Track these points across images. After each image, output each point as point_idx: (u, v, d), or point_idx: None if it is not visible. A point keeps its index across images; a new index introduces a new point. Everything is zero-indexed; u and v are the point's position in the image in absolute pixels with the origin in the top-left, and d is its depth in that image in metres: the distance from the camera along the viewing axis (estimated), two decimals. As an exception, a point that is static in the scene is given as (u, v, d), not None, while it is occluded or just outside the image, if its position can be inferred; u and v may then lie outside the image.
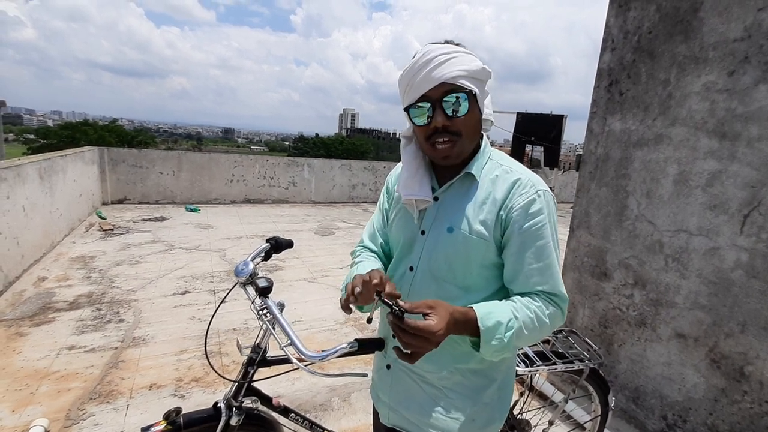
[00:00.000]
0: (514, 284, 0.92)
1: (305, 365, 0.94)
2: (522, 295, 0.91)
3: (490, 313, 0.84)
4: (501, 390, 1.00)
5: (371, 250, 1.11)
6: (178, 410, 1.10)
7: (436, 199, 0.97)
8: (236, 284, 1.17)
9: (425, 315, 0.77)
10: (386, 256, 1.11)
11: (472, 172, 0.92)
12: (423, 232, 0.97)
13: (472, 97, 0.87)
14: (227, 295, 1.28)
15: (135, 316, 3.22)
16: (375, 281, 0.79)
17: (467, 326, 0.82)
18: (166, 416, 1.08)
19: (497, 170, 0.92)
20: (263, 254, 1.23)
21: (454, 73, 0.84)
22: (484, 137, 0.98)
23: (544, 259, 0.89)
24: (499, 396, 1.00)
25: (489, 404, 0.98)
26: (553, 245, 0.91)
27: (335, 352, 0.94)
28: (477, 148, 0.96)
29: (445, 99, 0.86)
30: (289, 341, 0.98)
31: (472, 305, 0.85)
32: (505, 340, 0.82)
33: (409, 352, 0.77)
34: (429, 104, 0.87)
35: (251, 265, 1.15)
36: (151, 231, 5.73)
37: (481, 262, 0.91)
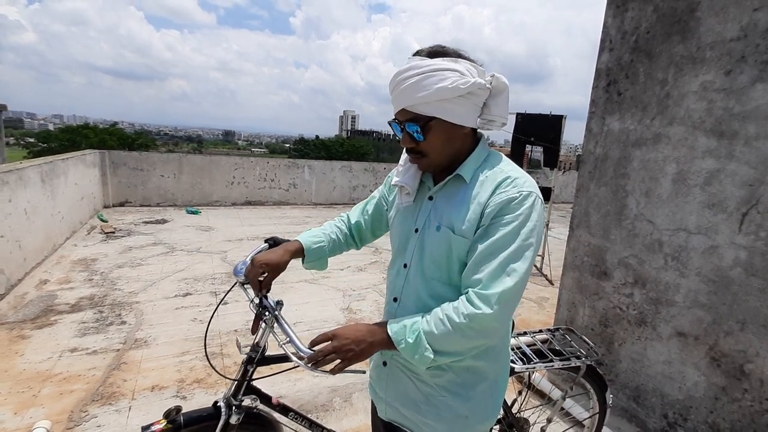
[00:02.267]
0: (463, 277, 0.90)
1: (305, 363, 0.95)
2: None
3: (401, 320, 0.91)
4: (494, 387, 1.01)
5: (346, 223, 1.28)
6: (178, 409, 1.10)
7: (430, 198, 1.00)
8: (235, 284, 1.18)
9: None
10: (357, 233, 1.27)
11: (461, 174, 0.94)
12: (416, 230, 1.00)
13: (434, 121, 0.89)
14: (227, 294, 1.29)
15: (137, 318, 3.23)
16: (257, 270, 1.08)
17: (383, 334, 0.89)
18: (167, 415, 1.09)
19: (489, 171, 0.93)
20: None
21: (413, 100, 0.88)
22: (482, 139, 0.99)
23: (496, 253, 0.85)
24: (492, 393, 1.01)
25: (482, 401, 0.99)
26: (515, 248, 0.84)
27: None
28: (473, 150, 0.97)
29: (406, 128, 0.92)
30: (288, 339, 0.99)
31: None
32: (410, 340, 0.86)
33: (329, 364, 0.90)
34: (398, 126, 0.94)
35: (249, 266, 1.16)
36: (153, 233, 5.75)
37: (463, 259, 0.92)
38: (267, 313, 1.11)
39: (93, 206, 6.49)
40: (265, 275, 1.10)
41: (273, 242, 1.26)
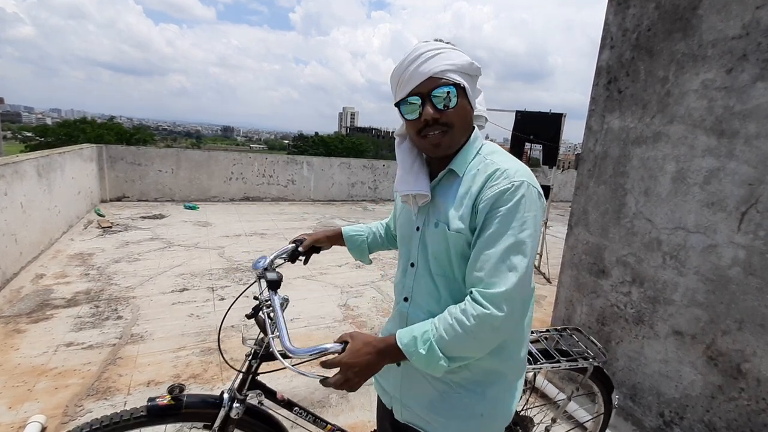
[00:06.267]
0: (466, 273, 0.89)
1: (292, 364, 0.93)
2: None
3: (410, 330, 0.88)
4: (511, 388, 1.00)
5: (385, 224, 1.39)
6: (181, 387, 1.10)
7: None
8: (258, 279, 1.21)
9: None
10: (391, 234, 1.37)
11: (454, 168, 0.94)
12: (418, 229, 1.00)
13: (460, 90, 0.90)
14: (247, 288, 1.33)
15: (133, 313, 3.21)
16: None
17: (393, 350, 0.87)
18: (170, 390, 1.09)
19: (480, 164, 0.92)
20: (284, 255, 1.32)
21: (441, 67, 0.88)
22: (475, 133, 0.98)
23: (493, 246, 0.84)
24: (508, 394, 1.00)
25: (499, 399, 0.98)
26: (513, 241, 0.83)
27: (319, 351, 0.89)
28: (465, 144, 0.96)
29: (434, 94, 0.88)
30: (277, 333, 0.97)
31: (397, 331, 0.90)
32: (423, 352, 0.84)
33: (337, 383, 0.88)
34: (419, 99, 0.90)
35: (267, 260, 1.21)
36: (150, 228, 5.73)
37: (461, 254, 0.91)
38: (270, 307, 1.10)
39: (90, 201, 6.46)
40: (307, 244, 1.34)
41: (299, 243, 1.37)
